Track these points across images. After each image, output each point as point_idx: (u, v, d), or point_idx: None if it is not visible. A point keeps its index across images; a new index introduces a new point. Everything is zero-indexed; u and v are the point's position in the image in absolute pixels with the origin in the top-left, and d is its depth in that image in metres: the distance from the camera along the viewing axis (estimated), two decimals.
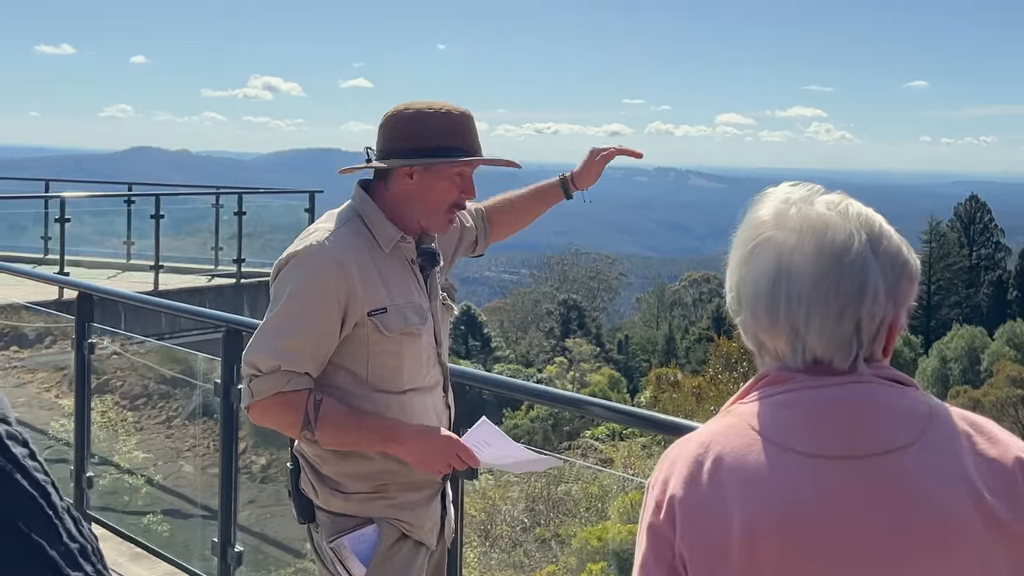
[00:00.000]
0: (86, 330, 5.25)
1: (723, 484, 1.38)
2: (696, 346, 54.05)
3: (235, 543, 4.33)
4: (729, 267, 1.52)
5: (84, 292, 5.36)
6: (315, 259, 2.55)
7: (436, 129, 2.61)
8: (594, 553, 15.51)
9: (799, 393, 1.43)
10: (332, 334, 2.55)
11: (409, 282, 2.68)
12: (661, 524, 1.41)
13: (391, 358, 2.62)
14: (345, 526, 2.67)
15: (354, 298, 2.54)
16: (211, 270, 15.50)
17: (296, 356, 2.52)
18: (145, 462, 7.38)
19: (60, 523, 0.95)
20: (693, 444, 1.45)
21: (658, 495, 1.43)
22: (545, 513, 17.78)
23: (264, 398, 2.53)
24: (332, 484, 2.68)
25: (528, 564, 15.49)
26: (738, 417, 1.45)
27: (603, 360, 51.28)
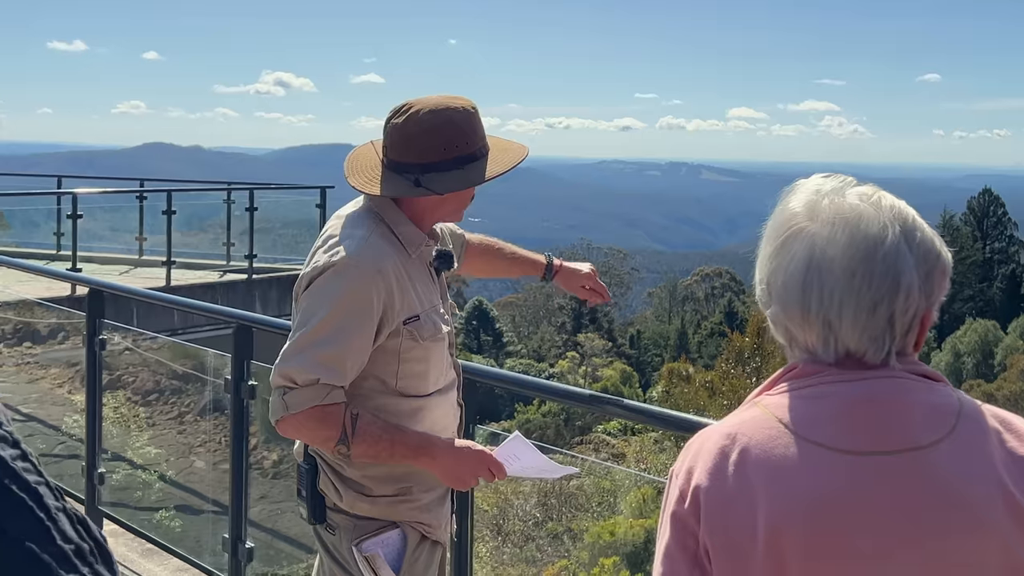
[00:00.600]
0: (97, 326, 5.25)
1: (749, 476, 1.37)
2: (708, 341, 53.97)
3: (246, 539, 4.32)
4: (760, 259, 1.50)
5: (95, 289, 5.37)
6: (356, 270, 2.48)
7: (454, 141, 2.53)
8: (606, 548, 15.53)
9: (828, 387, 1.41)
10: (370, 346, 2.51)
11: (431, 286, 2.65)
12: (685, 513, 1.41)
13: (419, 364, 2.59)
14: (367, 529, 2.64)
15: (392, 308, 2.50)
16: (223, 266, 15.50)
17: (335, 369, 2.47)
18: (157, 458, 7.39)
19: (53, 524, 0.93)
20: (718, 435, 1.44)
21: (682, 484, 1.43)
22: (557, 508, 17.78)
23: (300, 411, 2.47)
24: (357, 487, 2.64)
25: (540, 559, 15.50)
26: (765, 409, 1.44)
27: (615, 355, 51.26)
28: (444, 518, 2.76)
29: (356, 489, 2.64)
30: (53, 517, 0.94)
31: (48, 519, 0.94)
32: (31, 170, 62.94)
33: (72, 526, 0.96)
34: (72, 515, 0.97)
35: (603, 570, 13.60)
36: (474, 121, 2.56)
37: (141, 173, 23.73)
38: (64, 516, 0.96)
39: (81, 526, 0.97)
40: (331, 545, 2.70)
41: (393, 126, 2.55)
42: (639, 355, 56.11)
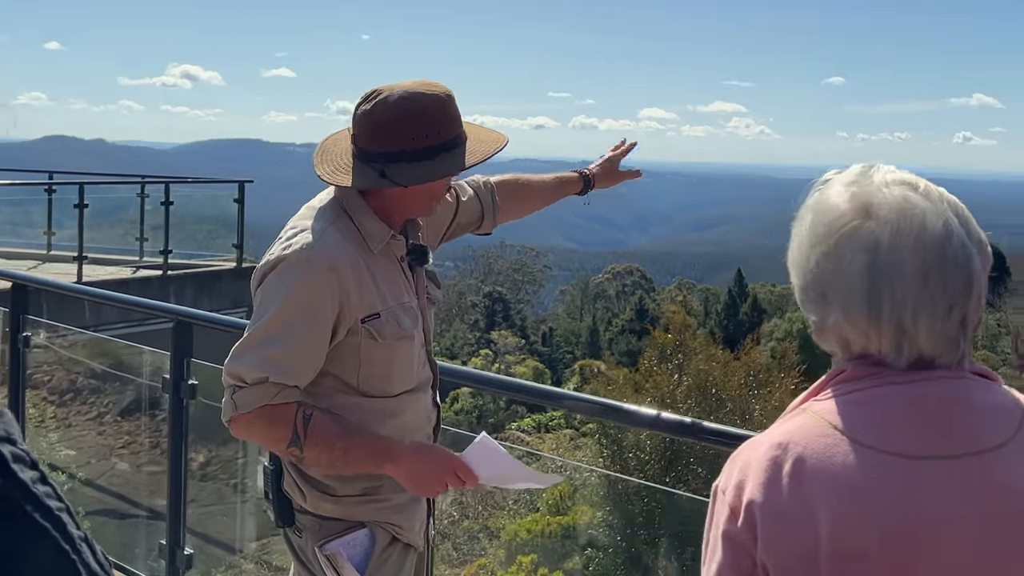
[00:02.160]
0: (21, 323, 5.04)
1: (807, 488, 1.30)
2: (619, 338, 54.35)
3: (184, 545, 4.17)
4: (800, 261, 1.41)
5: (18, 283, 5.15)
6: (307, 265, 2.36)
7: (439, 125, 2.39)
8: (523, 545, 15.53)
9: (884, 389, 1.34)
10: (324, 344, 2.40)
11: (399, 281, 2.51)
12: (739, 532, 1.32)
13: (383, 364, 2.47)
14: (334, 530, 2.53)
15: (348, 305, 2.38)
16: (135, 261, 15.15)
17: (286, 368, 2.35)
18: (73, 460, 7.16)
19: (79, 557, 0.85)
20: (767, 446, 1.36)
21: (732, 500, 1.34)
22: (473, 506, 17.74)
23: (249, 411, 2.35)
24: (320, 487, 2.52)
25: (457, 557, 15.42)
26: (815, 416, 1.36)
27: (528, 352, 51.34)
28: (418, 521, 2.64)
29: (320, 489, 2.52)
30: (78, 548, 0.85)
31: (73, 551, 0.85)
32: None
33: (95, 558, 0.87)
34: (92, 546, 0.88)
35: (521, 568, 13.60)
36: (448, 108, 2.41)
37: (43, 167, 23.06)
38: (87, 547, 0.87)
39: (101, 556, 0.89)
40: (298, 548, 2.60)
41: (361, 113, 2.41)
42: (551, 352, 56.26)
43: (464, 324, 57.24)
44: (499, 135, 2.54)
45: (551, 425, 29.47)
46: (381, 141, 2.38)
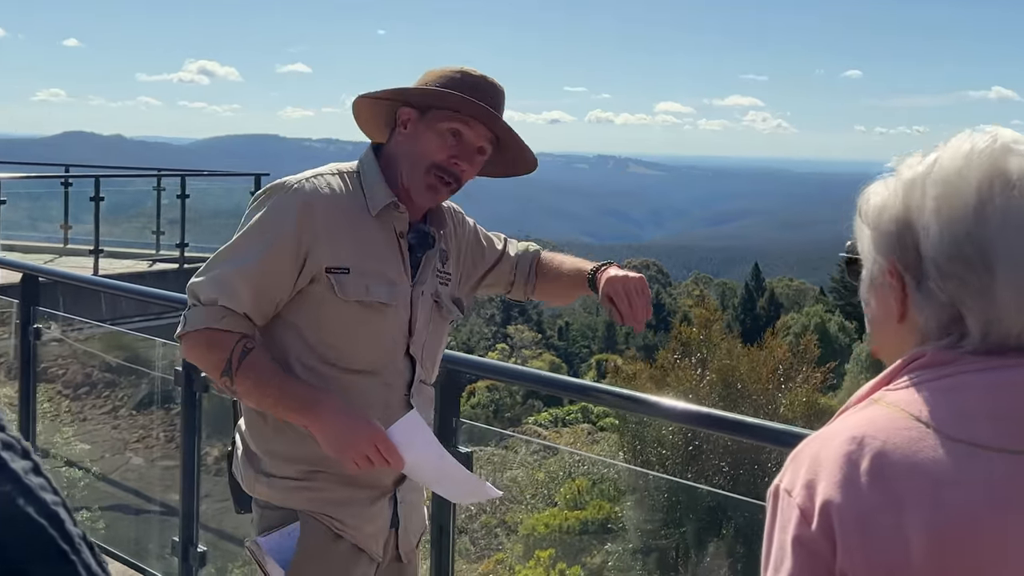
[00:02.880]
0: (32, 315, 4.94)
1: (890, 486, 1.15)
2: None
3: (198, 542, 4.05)
4: (921, 217, 1.24)
5: (29, 274, 5.05)
6: (282, 195, 2.31)
7: (450, 83, 2.35)
8: (541, 540, 15.45)
9: (972, 376, 1.20)
10: (282, 281, 2.28)
11: (389, 255, 2.35)
12: (814, 537, 1.16)
13: (344, 327, 2.31)
14: (272, 523, 2.35)
15: (315, 247, 2.27)
16: (152, 255, 15.11)
17: (236, 293, 2.27)
18: (87, 454, 7.07)
19: (78, 558, 0.73)
20: (839, 440, 1.20)
21: (803, 502, 1.18)
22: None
23: (194, 330, 2.28)
24: (258, 464, 2.38)
25: (474, 552, 15.37)
26: (893, 406, 1.21)
27: (544, 346, 51.34)
28: (372, 524, 2.41)
29: (256, 467, 2.38)
30: (77, 548, 0.73)
31: (73, 551, 0.73)
32: None
33: (94, 558, 0.75)
34: (91, 544, 0.76)
35: (539, 563, 13.51)
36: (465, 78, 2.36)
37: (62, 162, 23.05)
38: (86, 546, 0.75)
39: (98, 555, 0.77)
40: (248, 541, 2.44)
41: None
42: (568, 346, 56.23)
43: (480, 319, 57.29)
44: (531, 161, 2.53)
45: (568, 419, 29.36)
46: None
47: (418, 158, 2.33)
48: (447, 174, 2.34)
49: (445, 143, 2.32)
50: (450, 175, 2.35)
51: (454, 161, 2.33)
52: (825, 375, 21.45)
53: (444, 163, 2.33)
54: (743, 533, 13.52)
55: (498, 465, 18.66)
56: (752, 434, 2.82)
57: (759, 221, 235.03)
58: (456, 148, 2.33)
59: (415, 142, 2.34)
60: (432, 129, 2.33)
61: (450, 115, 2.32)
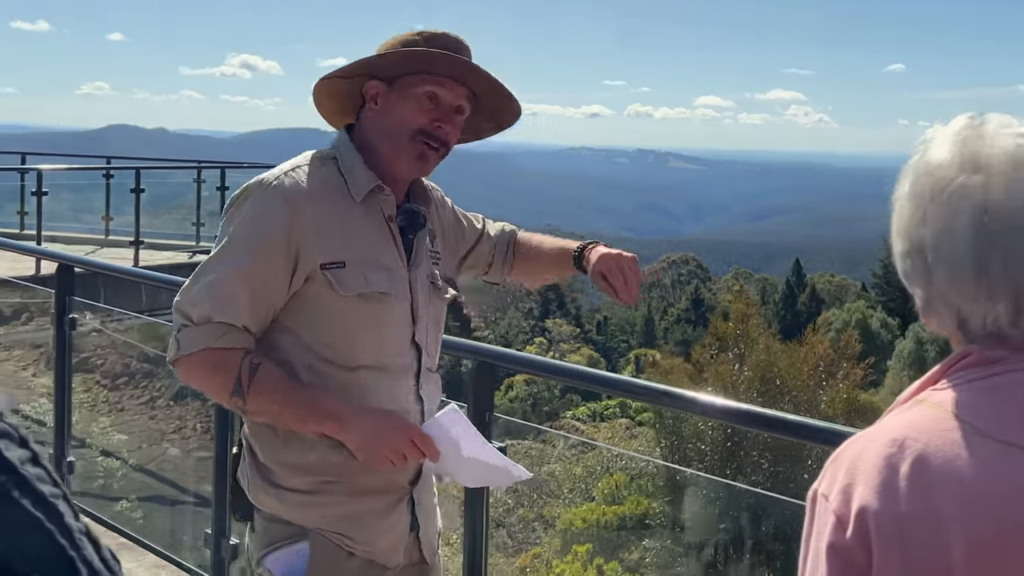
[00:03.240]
0: (67, 304, 4.94)
1: (932, 492, 1.08)
2: (674, 327, 54.06)
3: (230, 534, 4.01)
4: (902, 227, 1.21)
5: (64, 264, 5.06)
6: (263, 194, 2.14)
7: (409, 41, 2.20)
8: (579, 534, 15.41)
9: (1020, 375, 1.13)
10: (277, 285, 2.14)
11: (381, 240, 2.23)
12: (849, 544, 1.10)
13: (345, 323, 2.17)
14: (277, 537, 2.21)
15: (306, 245, 2.12)
16: (192, 246, 15.19)
17: (232, 306, 2.11)
18: (125, 444, 7.09)
19: (77, 553, 0.68)
20: (880, 443, 1.13)
21: (839, 507, 1.12)
22: (528, 494, 17.65)
23: (191, 353, 2.11)
24: (267, 475, 2.22)
25: (512, 545, 15.36)
26: (936, 407, 1.15)
27: (582, 341, 51.20)
28: (388, 536, 2.27)
29: (264, 477, 2.22)
30: (77, 544, 0.68)
31: (72, 546, 0.68)
32: None
33: (97, 553, 0.70)
34: (94, 539, 0.71)
35: (576, 557, 13.47)
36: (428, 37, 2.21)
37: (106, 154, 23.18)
38: (88, 541, 0.70)
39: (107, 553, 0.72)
40: (251, 551, 2.28)
41: None
42: (606, 341, 56.07)
43: (518, 312, 57.27)
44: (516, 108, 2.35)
45: (606, 414, 29.25)
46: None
47: (398, 129, 2.20)
48: (433, 139, 2.20)
49: (423, 107, 2.19)
50: (436, 140, 2.21)
51: (437, 124, 2.20)
52: (866, 371, 21.21)
53: (428, 127, 2.19)
54: (782, 531, 13.40)
55: (536, 459, 18.64)
56: (792, 431, 2.73)
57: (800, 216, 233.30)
58: (435, 111, 2.19)
59: (389, 114, 2.21)
60: (405, 97, 2.19)
61: (422, 78, 2.18)
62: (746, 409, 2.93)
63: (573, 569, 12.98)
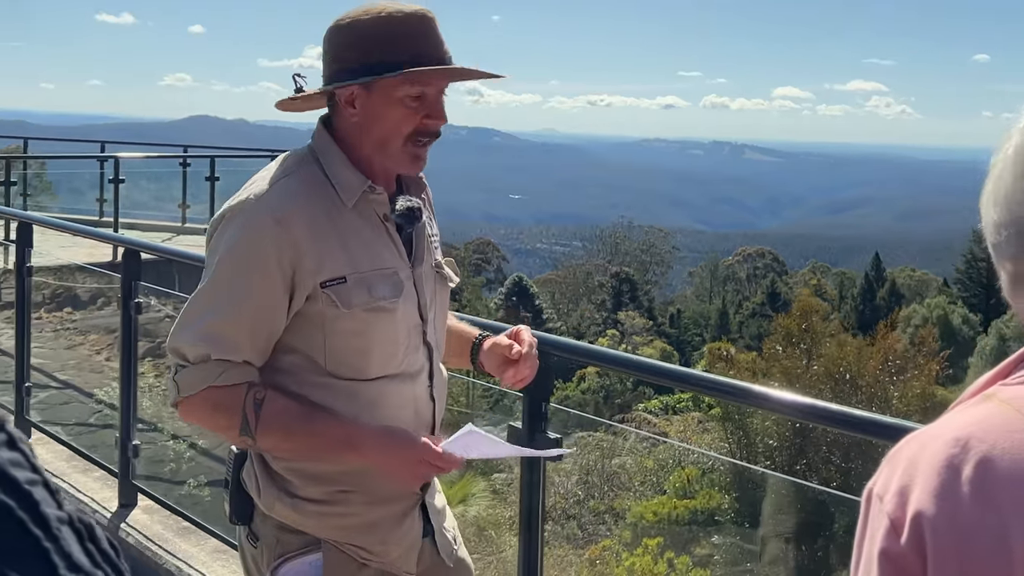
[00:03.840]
0: (133, 289, 4.99)
1: (996, 498, 0.98)
2: (749, 321, 53.45)
3: None
4: (1002, 197, 1.10)
5: (130, 248, 5.11)
6: (249, 216, 2.01)
7: (375, 39, 2.03)
8: (650, 528, 15.30)
9: None
10: (275, 311, 2.03)
11: (380, 244, 2.11)
12: (903, 552, 1.01)
13: (355, 339, 2.07)
14: (290, 548, 2.13)
15: (301, 264, 2.00)
16: None
17: (229, 342, 2.00)
18: (194, 429, 7.15)
19: (54, 545, 0.61)
20: (941, 441, 1.04)
21: (894, 511, 1.03)
22: (599, 486, 17.57)
23: (193, 394, 2.01)
24: (282, 483, 2.12)
25: (582, 537, 15.29)
26: (1005, 404, 1.05)
27: (655, 333, 50.87)
28: (401, 544, 2.19)
29: (279, 485, 2.12)
30: (54, 535, 0.62)
31: (48, 538, 0.61)
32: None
33: (81, 544, 0.63)
34: (80, 529, 0.64)
35: (647, 550, 13.36)
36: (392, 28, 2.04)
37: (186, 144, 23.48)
38: (70, 531, 0.63)
39: (92, 543, 0.65)
40: (251, 560, 2.20)
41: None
42: (679, 334, 55.61)
43: (591, 304, 57.10)
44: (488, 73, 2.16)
45: (679, 407, 28.99)
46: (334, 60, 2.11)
47: (388, 137, 2.07)
48: (427, 135, 2.09)
49: (410, 110, 2.05)
50: (430, 135, 2.10)
51: (429, 122, 2.08)
52: (940, 366, 20.72)
53: (420, 127, 2.07)
54: (854, 529, 13.15)
55: (606, 451, 18.55)
56: (858, 428, 2.62)
57: (880, 209, 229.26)
58: (424, 108, 2.06)
59: (374, 121, 2.06)
60: (389, 101, 2.05)
61: (406, 80, 2.03)
62: (809, 404, 2.83)
63: (643, 562, 12.88)
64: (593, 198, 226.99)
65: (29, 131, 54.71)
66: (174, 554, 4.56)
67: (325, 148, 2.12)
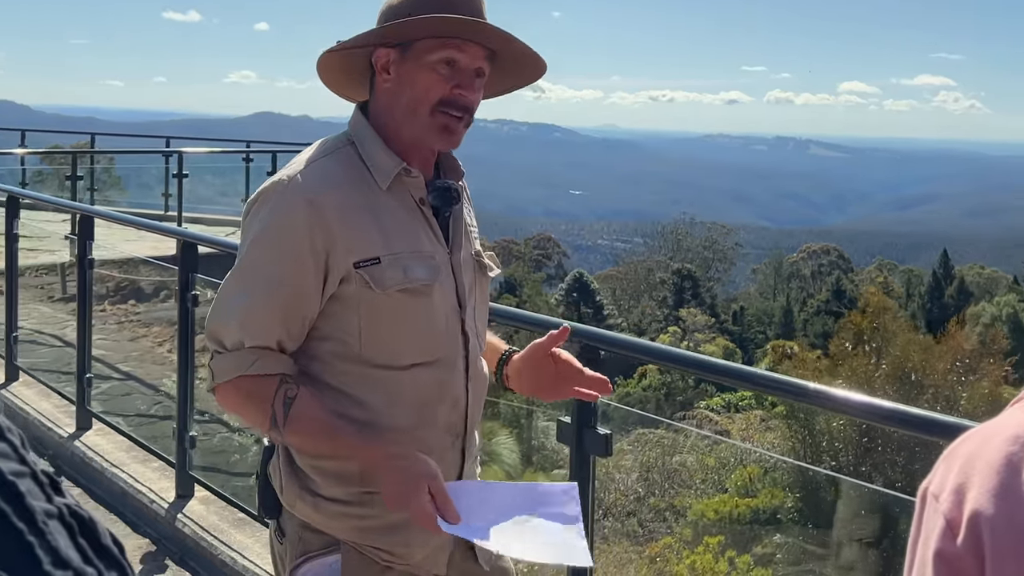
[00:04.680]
0: (190, 281, 5.03)
1: None
2: (814, 319, 52.86)
3: None
4: None
5: (187, 241, 5.16)
6: (281, 198, 1.98)
7: (421, 5, 1.98)
8: (710, 526, 15.17)
9: None
10: (308, 296, 1.99)
11: (416, 227, 2.06)
12: (959, 553, 0.96)
13: (390, 322, 2.02)
14: (311, 547, 2.08)
15: (335, 246, 1.96)
16: None
17: (263, 327, 1.97)
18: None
19: (39, 540, 0.58)
20: (1000, 439, 0.98)
21: (950, 510, 0.98)
22: (660, 483, 17.47)
23: (226, 382, 1.98)
24: (304, 481, 2.08)
25: (642, 534, 15.22)
26: None
27: (718, 331, 50.51)
28: (426, 546, 2.11)
29: (301, 483, 2.08)
30: (39, 528, 0.58)
31: (32, 531, 0.58)
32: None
33: (71, 539, 0.60)
34: (72, 523, 0.61)
35: (707, 549, 13.25)
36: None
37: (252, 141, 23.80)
38: (59, 525, 0.60)
39: (86, 538, 0.61)
40: (278, 556, 2.16)
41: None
42: (742, 331, 55.16)
43: (652, 300, 56.89)
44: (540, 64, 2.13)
45: (741, 405, 28.73)
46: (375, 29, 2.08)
47: (417, 103, 2.01)
48: (456, 108, 2.02)
49: (441, 76, 2.00)
50: (459, 108, 2.02)
51: (459, 92, 2.01)
52: (1011, 365, 20.30)
53: (449, 97, 2.01)
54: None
55: (667, 448, 18.43)
56: (921, 428, 2.52)
57: (948, 206, 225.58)
58: (455, 78, 2.01)
59: (405, 86, 2.02)
60: (421, 66, 2.00)
61: (437, 43, 1.99)
62: (877, 405, 2.73)
63: (704, 560, 12.79)
64: (654, 194, 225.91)
65: (98, 127, 55.80)
66: (229, 544, 4.58)
67: (361, 131, 2.09)
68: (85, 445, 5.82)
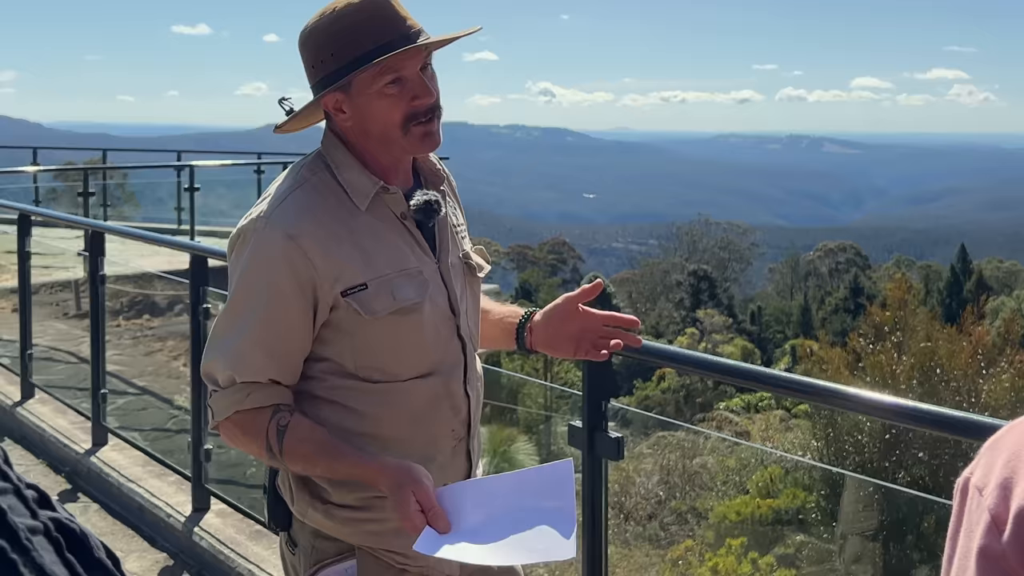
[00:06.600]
0: (201, 294, 5.03)
1: None
2: (833, 317, 52.70)
3: None
4: None
5: (197, 255, 5.15)
6: (260, 236, 1.98)
7: (336, 39, 1.98)
8: (732, 528, 15.09)
9: None
10: (297, 330, 2.01)
11: (400, 243, 2.05)
12: (1004, 551, 0.91)
13: (385, 343, 2.04)
14: (325, 555, 2.10)
15: (319, 277, 1.97)
16: None
17: (252, 363, 1.99)
18: None
19: (23, 557, 0.56)
20: None
21: (995, 505, 0.93)
22: (680, 486, 17.41)
23: (224, 419, 2.02)
24: (314, 489, 2.10)
25: (664, 537, 15.18)
26: None
27: (736, 331, 50.42)
28: None
29: (312, 492, 2.10)
30: (23, 546, 0.57)
31: (16, 549, 0.57)
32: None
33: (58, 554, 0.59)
34: (58, 538, 0.59)
35: (730, 551, 13.19)
36: (349, 23, 1.97)
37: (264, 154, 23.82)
38: (45, 541, 0.59)
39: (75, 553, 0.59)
40: (290, 567, 2.18)
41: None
42: (760, 331, 55.05)
43: (669, 302, 56.86)
44: (465, 32, 2.08)
45: (761, 405, 28.65)
46: (310, 72, 2.06)
47: (386, 130, 2.01)
48: (422, 114, 2.01)
49: (394, 96, 1.99)
50: (426, 112, 2.02)
51: (418, 102, 2.00)
52: None
53: (411, 110, 2.00)
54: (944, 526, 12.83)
55: (687, 451, 18.38)
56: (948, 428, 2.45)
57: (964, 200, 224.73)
58: (408, 91, 1.99)
59: (366, 119, 2.02)
60: (371, 96, 1.99)
61: (375, 72, 1.97)
62: (900, 404, 2.66)
63: (727, 562, 12.73)
64: (668, 196, 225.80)
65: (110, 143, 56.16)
66: (246, 557, 4.58)
67: (334, 152, 2.08)
68: (101, 461, 5.84)
